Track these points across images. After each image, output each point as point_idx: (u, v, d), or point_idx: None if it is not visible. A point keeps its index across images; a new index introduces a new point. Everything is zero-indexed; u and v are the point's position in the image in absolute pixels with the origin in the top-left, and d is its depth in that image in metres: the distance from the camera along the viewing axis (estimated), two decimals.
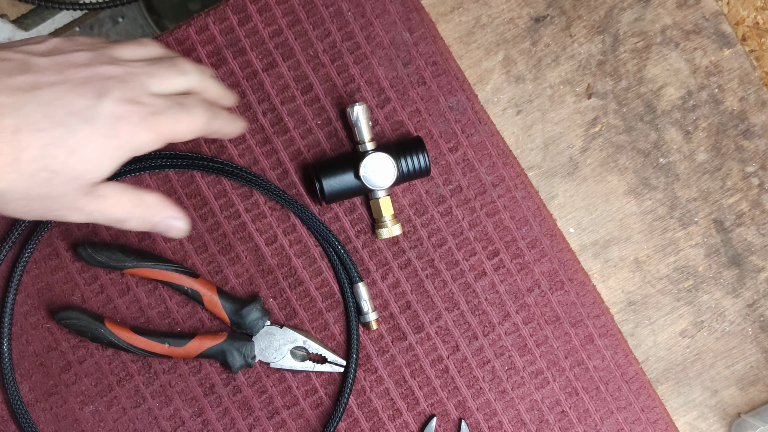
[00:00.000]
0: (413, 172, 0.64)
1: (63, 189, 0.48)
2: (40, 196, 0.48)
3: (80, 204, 0.50)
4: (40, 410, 0.65)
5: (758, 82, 0.72)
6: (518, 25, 0.72)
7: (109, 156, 0.49)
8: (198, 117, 0.52)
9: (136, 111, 0.49)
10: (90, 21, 1.45)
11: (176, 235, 0.55)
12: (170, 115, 0.51)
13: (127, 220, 0.53)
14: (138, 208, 0.53)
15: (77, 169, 0.48)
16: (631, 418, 0.67)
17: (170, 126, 0.51)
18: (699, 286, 0.71)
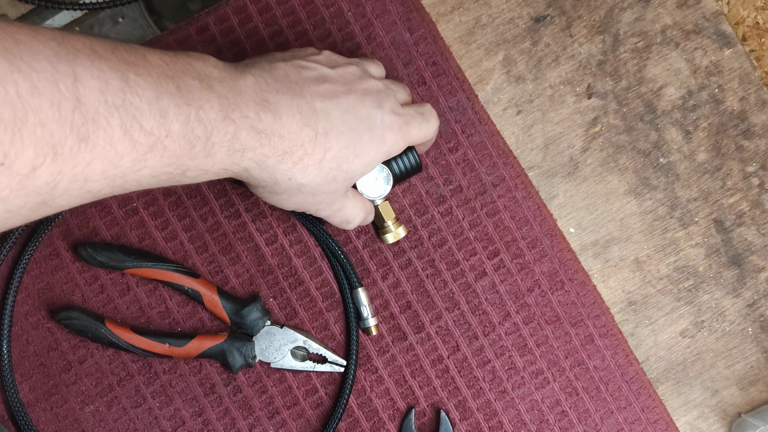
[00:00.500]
0: (406, 172, 0.64)
1: (339, 187, 0.57)
2: (322, 192, 0.56)
3: (338, 202, 0.58)
4: (41, 410, 0.65)
5: (758, 82, 0.72)
6: (518, 25, 0.72)
7: (377, 159, 0.57)
8: (433, 123, 0.61)
9: (397, 121, 0.58)
10: (90, 21, 1.45)
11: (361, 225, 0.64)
12: (416, 123, 0.59)
13: (353, 222, 0.61)
14: (363, 211, 0.62)
15: (357, 170, 0.56)
16: (631, 418, 0.67)
17: (414, 132, 0.59)
18: (699, 286, 0.71)
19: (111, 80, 0.44)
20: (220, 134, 0.49)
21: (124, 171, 0.46)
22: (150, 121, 0.45)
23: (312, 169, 0.54)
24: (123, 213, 0.67)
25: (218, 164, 0.51)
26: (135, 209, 0.67)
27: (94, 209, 0.67)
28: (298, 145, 0.53)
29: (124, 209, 0.67)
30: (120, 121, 0.44)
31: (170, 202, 0.67)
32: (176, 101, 0.47)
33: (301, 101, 0.54)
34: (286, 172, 0.54)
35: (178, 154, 0.48)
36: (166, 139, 0.46)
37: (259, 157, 0.52)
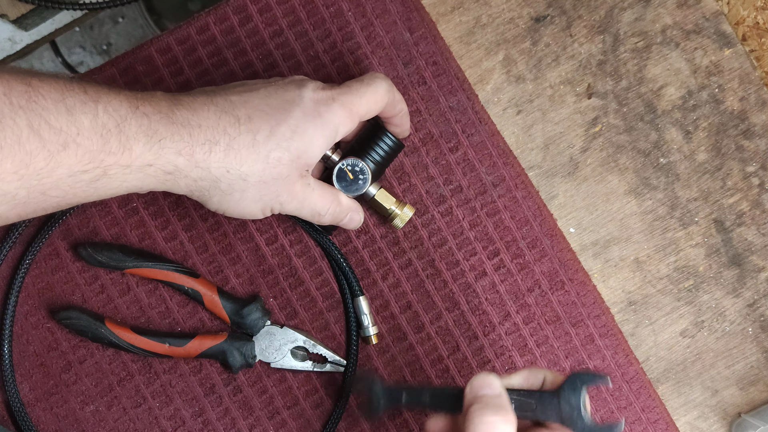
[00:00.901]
0: (384, 155, 0.63)
1: (287, 169, 0.56)
2: (271, 178, 0.55)
3: (296, 188, 0.57)
4: (41, 410, 0.65)
5: (758, 82, 0.72)
6: (518, 25, 0.72)
7: (319, 135, 0.56)
8: (378, 87, 0.59)
9: (327, 93, 0.57)
10: (90, 21, 1.45)
11: (354, 227, 0.64)
12: (354, 91, 0.58)
13: (324, 214, 0.60)
14: (333, 203, 0.60)
15: (298, 148, 0.55)
16: (631, 417, 0.67)
17: (357, 101, 0.58)
18: (699, 286, 0.71)
19: (15, 86, 0.46)
20: (132, 126, 0.50)
21: (38, 171, 0.47)
22: (58, 118, 0.47)
23: (246, 153, 0.54)
24: (123, 213, 0.67)
25: (140, 158, 0.50)
26: (135, 209, 0.67)
27: (94, 209, 0.67)
28: (220, 131, 0.53)
29: (124, 209, 0.67)
30: (27, 121, 0.45)
31: (170, 202, 0.67)
32: (82, 98, 0.48)
33: (216, 97, 0.55)
34: (221, 164, 0.53)
35: (92, 150, 0.48)
36: (78, 137, 0.47)
37: (182, 148, 0.51)
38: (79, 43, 1.48)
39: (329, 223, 0.62)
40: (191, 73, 0.68)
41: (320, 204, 0.59)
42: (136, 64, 0.67)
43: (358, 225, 0.64)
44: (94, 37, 1.47)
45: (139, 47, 0.68)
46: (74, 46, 1.48)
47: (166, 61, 0.68)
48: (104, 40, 1.47)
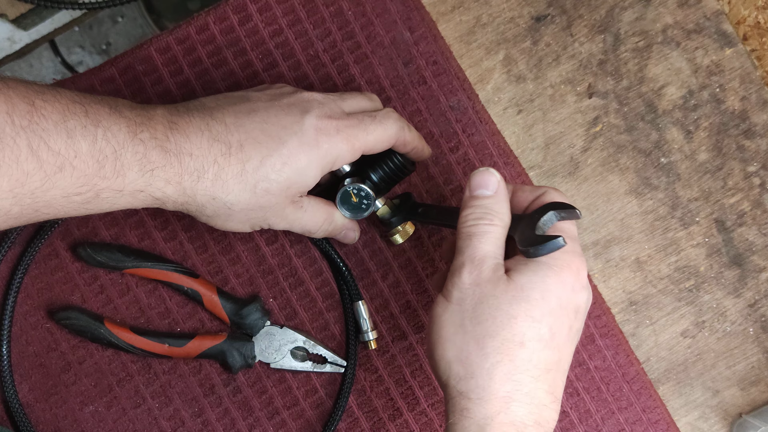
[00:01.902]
0: (388, 178, 0.62)
1: (276, 199, 0.55)
2: (258, 206, 0.55)
3: (286, 212, 0.57)
4: (40, 410, 0.65)
5: (759, 82, 0.72)
6: (519, 24, 0.72)
7: (314, 166, 0.55)
8: (389, 127, 0.58)
9: (333, 124, 0.56)
10: (89, 21, 1.45)
11: (349, 242, 0.64)
12: (362, 127, 0.57)
13: (316, 231, 0.60)
14: (326, 222, 0.60)
15: (289, 178, 0.55)
16: (632, 418, 0.67)
17: (363, 136, 0.56)
18: (700, 286, 0.71)
19: (17, 104, 0.46)
20: (128, 154, 0.50)
21: (33, 190, 0.48)
22: (57, 141, 0.47)
23: (233, 184, 0.54)
24: (122, 213, 0.66)
25: (131, 185, 0.51)
26: (134, 209, 0.67)
27: None
28: (210, 161, 0.53)
29: (124, 209, 0.66)
30: (27, 141, 0.46)
31: None
32: (83, 122, 0.49)
33: (212, 120, 0.54)
34: (206, 192, 0.53)
35: (87, 173, 0.49)
36: (75, 160, 0.48)
37: (172, 177, 0.52)
38: (79, 42, 1.48)
39: (322, 237, 0.62)
40: (191, 72, 0.67)
41: (311, 224, 0.59)
42: (135, 64, 0.67)
43: (354, 241, 0.64)
44: (94, 36, 1.47)
45: (139, 47, 0.68)
46: (73, 46, 1.48)
47: (165, 60, 0.67)
48: (103, 39, 1.47)
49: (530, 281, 0.49)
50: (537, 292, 0.49)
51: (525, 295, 0.49)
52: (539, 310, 0.49)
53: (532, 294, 0.49)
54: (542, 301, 0.49)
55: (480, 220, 0.52)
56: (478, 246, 0.51)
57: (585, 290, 0.51)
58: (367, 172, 0.62)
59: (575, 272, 0.50)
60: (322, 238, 0.63)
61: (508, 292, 0.49)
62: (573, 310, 0.50)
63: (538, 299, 0.49)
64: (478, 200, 0.52)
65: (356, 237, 0.64)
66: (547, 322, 0.49)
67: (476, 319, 0.49)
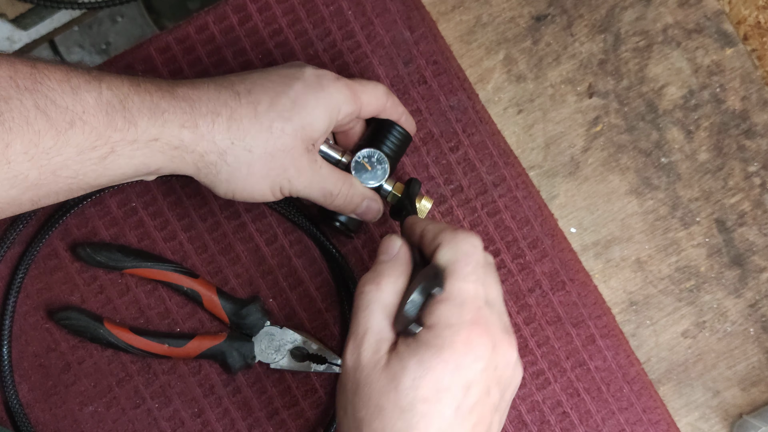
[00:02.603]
0: (397, 146, 0.62)
1: (292, 140, 0.55)
2: (276, 149, 0.55)
3: (303, 163, 0.56)
4: (40, 411, 0.65)
5: (760, 82, 0.72)
6: (519, 24, 0.72)
7: (321, 108, 0.56)
8: (378, 85, 0.60)
9: (330, 74, 0.57)
10: (89, 20, 1.45)
11: (372, 218, 0.62)
12: (356, 80, 0.59)
13: (336, 194, 0.59)
14: (346, 184, 0.59)
15: (301, 118, 0.55)
16: (632, 419, 0.67)
17: (359, 87, 0.58)
18: (701, 286, 0.71)
19: (20, 68, 0.48)
20: (136, 102, 0.51)
21: (47, 150, 0.48)
22: (63, 98, 0.48)
23: (248, 124, 0.54)
24: (122, 213, 0.66)
25: (145, 133, 0.51)
26: (134, 209, 0.66)
27: (93, 209, 0.66)
28: (221, 103, 0.54)
29: (123, 209, 0.66)
30: (33, 101, 0.47)
31: (170, 202, 0.67)
32: (86, 78, 0.50)
33: (216, 78, 0.56)
34: (225, 136, 0.54)
35: (98, 127, 0.49)
36: (84, 114, 0.49)
37: (186, 120, 0.52)
38: (78, 42, 1.47)
39: (343, 207, 0.60)
40: (190, 72, 0.67)
41: (331, 182, 0.58)
42: (135, 64, 0.67)
43: (377, 215, 0.62)
44: (93, 36, 1.47)
45: (138, 46, 0.68)
46: (73, 46, 1.47)
47: (165, 60, 0.67)
48: (103, 39, 1.47)
49: (405, 366, 0.44)
50: (409, 378, 0.44)
51: (395, 384, 0.44)
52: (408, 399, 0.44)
53: (403, 381, 0.44)
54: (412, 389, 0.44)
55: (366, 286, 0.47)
56: (361, 320, 0.47)
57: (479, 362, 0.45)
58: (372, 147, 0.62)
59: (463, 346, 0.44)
60: (340, 210, 0.60)
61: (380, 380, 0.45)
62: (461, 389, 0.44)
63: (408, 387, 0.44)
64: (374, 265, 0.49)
65: (380, 210, 0.62)
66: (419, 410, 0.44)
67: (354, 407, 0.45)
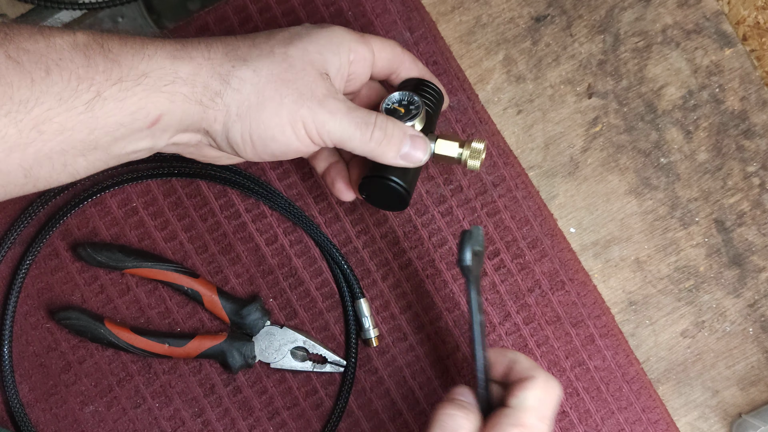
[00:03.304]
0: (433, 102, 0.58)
1: (300, 63, 0.51)
2: (284, 71, 0.50)
3: (320, 89, 0.51)
4: (40, 410, 0.65)
5: (759, 82, 0.72)
6: (519, 24, 0.72)
7: (325, 42, 0.53)
8: (392, 41, 0.57)
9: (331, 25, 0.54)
10: (89, 21, 1.45)
11: (416, 161, 0.54)
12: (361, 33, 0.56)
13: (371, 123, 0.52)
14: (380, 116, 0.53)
15: (304, 46, 0.52)
16: (632, 418, 0.67)
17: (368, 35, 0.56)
18: (700, 286, 0.71)
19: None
20: (115, 41, 0.47)
21: (24, 101, 0.44)
22: (36, 45, 0.45)
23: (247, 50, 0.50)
24: (122, 213, 0.66)
25: (132, 71, 0.47)
26: (135, 209, 0.67)
27: (94, 209, 0.66)
28: (214, 40, 0.51)
29: (124, 209, 0.67)
30: (5, 52, 0.44)
31: (170, 202, 0.67)
32: (60, 29, 0.47)
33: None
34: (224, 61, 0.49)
35: (78, 71, 0.45)
36: (61, 61, 0.45)
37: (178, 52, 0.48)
38: None
39: (385, 147, 0.53)
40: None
41: (362, 112, 0.52)
42: None
43: (425, 156, 0.55)
44: None
45: None
46: None
47: None
48: None
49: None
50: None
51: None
52: None
53: None
54: None
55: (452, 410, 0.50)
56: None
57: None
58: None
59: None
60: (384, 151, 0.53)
61: None
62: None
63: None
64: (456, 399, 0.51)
65: (428, 147, 0.55)
66: None
67: None
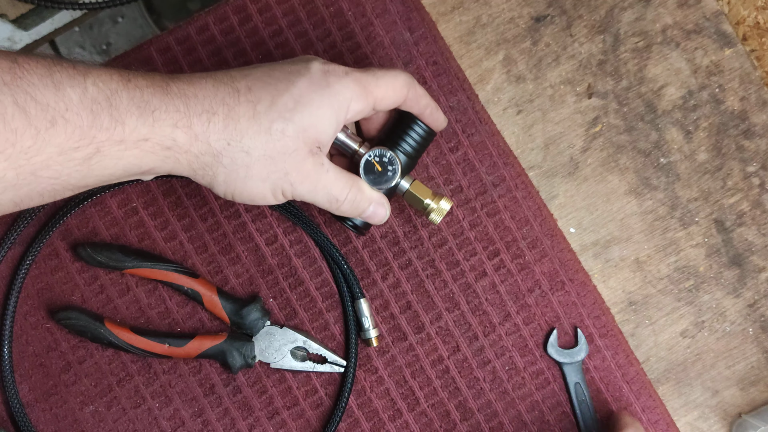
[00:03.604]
0: (418, 146, 0.60)
1: (293, 143, 0.52)
2: (276, 152, 0.52)
3: (307, 166, 0.53)
4: (40, 410, 0.65)
5: (759, 82, 0.72)
6: (519, 24, 0.72)
7: (326, 108, 0.53)
8: (398, 75, 0.56)
9: (340, 68, 0.54)
10: (90, 21, 1.45)
11: (378, 221, 0.59)
12: (371, 73, 0.55)
13: (342, 200, 0.56)
14: (353, 190, 0.56)
15: (303, 119, 0.52)
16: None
17: (372, 81, 0.55)
18: (700, 286, 0.71)
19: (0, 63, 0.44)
20: (124, 99, 0.47)
21: (25, 150, 0.45)
22: (45, 94, 0.45)
23: (246, 125, 0.51)
24: (122, 213, 0.66)
25: (134, 133, 0.48)
26: (134, 209, 0.67)
27: (94, 209, 0.66)
28: (218, 101, 0.50)
29: (124, 209, 0.67)
30: (12, 98, 0.44)
31: (170, 202, 0.67)
32: (70, 73, 0.46)
33: (215, 73, 0.53)
34: (220, 136, 0.50)
35: (82, 126, 0.46)
36: (67, 113, 0.45)
37: (179, 120, 0.49)
38: (79, 43, 1.47)
39: (349, 212, 0.57)
40: (191, 72, 0.67)
41: (337, 188, 0.55)
42: (135, 64, 0.67)
43: (384, 219, 0.60)
44: (94, 36, 1.47)
45: (139, 47, 0.68)
46: (74, 46, 1.48)
47: (165, 60, 0.67)
48: (104, 39, 1.47)
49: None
50: None
51: None
52: None
53: None
54: None
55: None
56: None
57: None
58: (388, 146, 0.59)
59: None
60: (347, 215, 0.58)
61: None
62: None
63: None
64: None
65: (387, 214, 0.59)
66: None
67: None
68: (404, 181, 0.60)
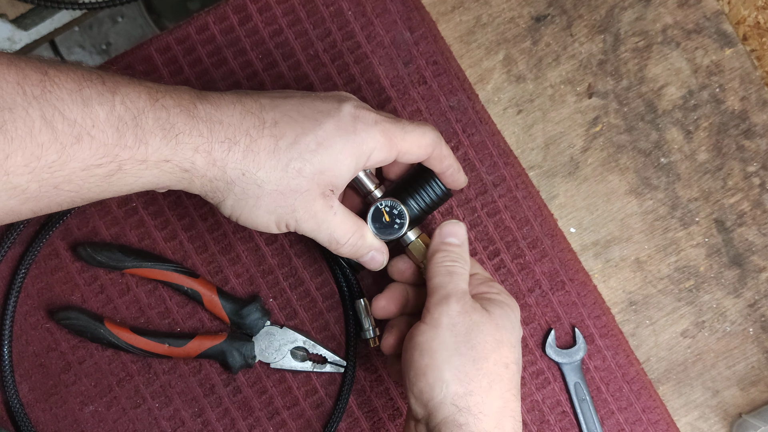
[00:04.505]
0: (431, 203, 0.60)
1: (308, 183, 0.52)
2: (288, 189, 0.52)
3: (315, 207, 0.54)
4: (40, 410, 0.65)
5: (759, 82, 0.72)
6: (519, 24, 0.72)
7: (348, 153, 0.53)
8: (426, 132, 0.56)
9: (371, 116, 0.54)
10: (89, 21, 1.45)
11: (374, 268, 0.60)
12: (400, 125, 0.55)
13: (344, 244, 0.56)
14: (356, 235, 0.57)
15: (323, 162, 0.52)
16: (632, 418, 0.67)
17: (400, 134, 0.55)
18: (700, 286, 0.71)
19: (29, 74, 0.44)
20: (150, 120, 0.48)
21: (50, 164, 0.45)
22: (73, 110, 0.45)
23: (265, 158, 0.51)
24: (122, 213, 0.66)
25: (156, 153, 0.48)
26: (134, 209, 0.67)
27: (94, 209, 0.66)
28: (242, 131, 0.51)
29: (124, 209, 0.66)
30: (40, 112, 0.44)
31: (170, 202, 0.67)
32: (99, 90, 0.46)
33: (245, 97, 0.53)
34: (237, 165, 0.51)
35: (107, 143, 0.47)
36: (93, 129, 0.46)
37: (201, 144, 0.49)
38: (79, 42, 1.47)
39: (348, 255, 0.58)
40: (191, 72, 0.67)
41: (340, 232, 0.55)
42: (135, 64, 0.67)
43: (381, 267, 0.60)
44: (94, 36, 1.47)
45: (139, 47, 0.68)
46: (73, 46, 1.48)
47: (165, 60, 0.67)
48: (103, 39, 1.47)
49: (502, 315, 0.56)
50: (509, 323, 0.56)
51: (502, 324, 0.56)
52: (514, 338, 0.56)
53: (506, 324, 0.56)
54: (513, 330, 0.56)
55: (455, 263, 0.57)
56: (459, 282, 0.56)
57: None
58: (402, 197, 0.59)
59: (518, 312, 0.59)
60: (346, 257, 0.59)
61: (492, 321, 0.55)
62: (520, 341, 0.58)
63: (510, 329, 0.56)
64: (451, 246, 0.58)
65: (385, 261, 0.60)
66: (518, 348, 0.56)
67: (469, 344, 0.53)
68: (411, 233, 0.60)
